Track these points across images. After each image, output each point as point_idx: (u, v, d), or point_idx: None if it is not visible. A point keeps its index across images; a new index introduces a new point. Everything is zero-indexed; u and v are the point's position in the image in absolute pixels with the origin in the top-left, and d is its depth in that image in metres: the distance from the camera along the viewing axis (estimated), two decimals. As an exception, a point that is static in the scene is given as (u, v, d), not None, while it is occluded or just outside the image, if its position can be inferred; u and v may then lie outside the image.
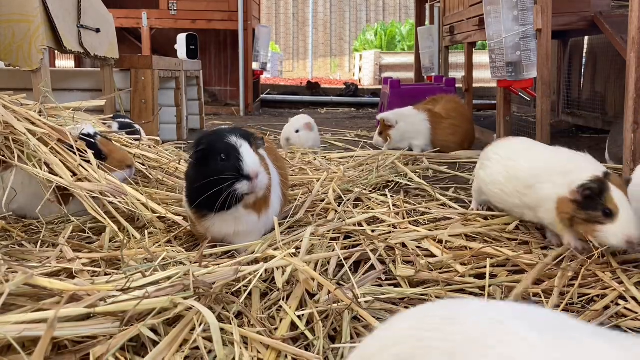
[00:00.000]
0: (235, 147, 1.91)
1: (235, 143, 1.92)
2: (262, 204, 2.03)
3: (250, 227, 2.01)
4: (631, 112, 2.70)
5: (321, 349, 1.38)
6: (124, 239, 2.05)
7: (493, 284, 1.78)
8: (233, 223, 1.98)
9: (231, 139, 1.93)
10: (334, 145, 4.84)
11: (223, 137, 1.95)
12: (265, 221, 2.09)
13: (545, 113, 3.84)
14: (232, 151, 1.90)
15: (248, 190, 1.89)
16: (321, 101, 9.69)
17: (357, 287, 1.64)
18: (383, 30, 16.64)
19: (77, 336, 1.31)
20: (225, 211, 1.93)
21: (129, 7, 7.92)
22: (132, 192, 2.36)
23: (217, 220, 1.98)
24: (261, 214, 2.05)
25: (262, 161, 2.01)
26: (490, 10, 4.20)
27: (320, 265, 1.86)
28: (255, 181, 1.88)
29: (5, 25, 3.31)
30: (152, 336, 1.34)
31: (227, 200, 1.88)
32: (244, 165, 1.88)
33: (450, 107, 4.54)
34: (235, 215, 1.97)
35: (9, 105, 2.48)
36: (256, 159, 1.93)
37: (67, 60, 9.32)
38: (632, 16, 2.65)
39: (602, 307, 1.65)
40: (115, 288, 1.46)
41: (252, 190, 1.90)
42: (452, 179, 3.41)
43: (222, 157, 1.89)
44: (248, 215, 1.99)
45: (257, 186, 1.90)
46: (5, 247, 1.95)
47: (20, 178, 2.34)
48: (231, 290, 1.63)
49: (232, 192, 1.87)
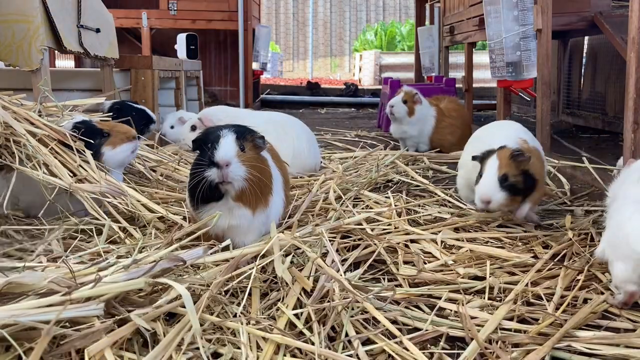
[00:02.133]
0: (218, 137, 1.93)
1: (221, 134, 1.94)
2: (253, 199, 1.99)
3: (243, 222, 1.99)
4: (631, 112, 2.70)
5: (322, 344, 1.38)
6: (125, 237, 2.05)
7: (494, 284, 1.78)
8: (226, 216, 1.97)
9: (221, 132, 1.96)
10: (334, 145, 4.84)
11: (216, 130, 1.99)
12: (263, 220, 2.07)
13: (545, 113, 3.84)
14: (214, 142, 1.92)
15: (217, 178, 1.89)
16: (321, 101, 9.69)
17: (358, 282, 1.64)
18: (383, 30, 16.64)
19: (64, 320, 1.32)
20: (215, 202, 1.95)
21: (129, 7, 7.91)
22: (132, 193, 2.36)
23: (208, 212, 1.98)
24: (256, 211, 2.01)
25: (258, 160, 1.99)
26: (490, 10, 4.20)
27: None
28: (224, 169, 1.87)
29: (5, 25, 3.31)
30: (146, 326, 1.34)
31: (203, 189, 1.90)
32: (215, 153, 1.89)
33: (451, 107, 4.54)
34: (227, 207, 1.97)
35: (9, 106, 2.48)
36: (232, 149, 1.92)
37: (67, 60, 9.32)
38: (632, 16, 2.65)
39: (600, 310, 1.65)
40: (90, 272, 1.50)
41: (223, 178, 1.89)
42: (452, 178, 3.41)
43: (207, 147, 1.92)
44: (239, 208, 1.97)
45: (227, 175, 1.88)
46: (4, 247, 1.96)
47: (24, 179, 2.34)
48: (231, 290, 1.64)
49: (203, 180, 1.89)
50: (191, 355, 1.33)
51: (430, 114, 4.41)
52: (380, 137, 5.32)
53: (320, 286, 1.63)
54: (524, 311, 1.62)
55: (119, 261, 1.60)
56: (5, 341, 1.24)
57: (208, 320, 1.46)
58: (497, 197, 2.23)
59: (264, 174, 2.01)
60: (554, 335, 1.45)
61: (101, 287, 1.39)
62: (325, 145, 4.84)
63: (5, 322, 1.22)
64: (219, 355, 1.37)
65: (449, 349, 1.46)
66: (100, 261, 1.66)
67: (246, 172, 1.92)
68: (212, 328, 1.47)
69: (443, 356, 1.41)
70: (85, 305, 1.33)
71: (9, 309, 1.27)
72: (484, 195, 2.24)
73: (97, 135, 2.50)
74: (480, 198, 2.25)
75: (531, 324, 1.57)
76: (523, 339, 1.45)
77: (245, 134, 2.00)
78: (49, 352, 1.27)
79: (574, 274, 1.88)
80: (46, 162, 2.27)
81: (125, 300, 1.47)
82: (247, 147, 1.98)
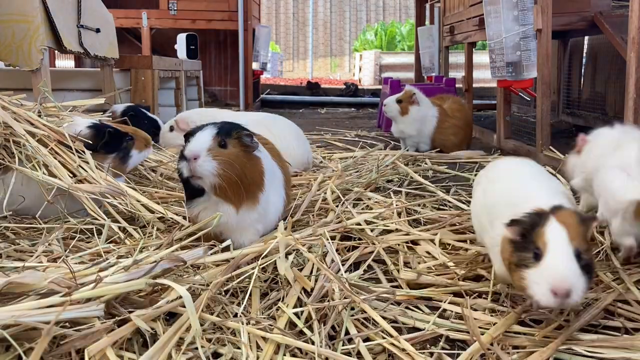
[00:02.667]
0: (195, 131, 1.97)
1: (201, 129, 1.98)
2: (233, 196, 1.96)
3: (228, 219, 1.98)
4: (631, 112, 2.70)
5: (323, 343, 1.38)
6: (124, 237, 2.05)
7: (501, 291, 1.78)
8: (213, 212, 1.96)
9: (203, 127, 1.99)
10: (334, 145, 4.84)
11: (203, 125, 2.02)
12: (255, 217, 2.05)
13: (545, 113, 3.84)
14: (192, 136, 1.96)
15: (187, 172, 1.90)
16: (321, 101, 9.68)
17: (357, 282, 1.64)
18: (383, 30, 16.64)
19: (64, 320, 1.32)
20: (198, 197, 1.99)
21: (129, 7, 7.91)
22: (131, 193, 2.36)
23: (196, 208, 2.01)
24: (240, 208, 1.99)
25: (241, 156, 1.98)
26: (490, 10, 4.20)
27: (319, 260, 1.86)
28: (192, 163, 1.88)
29: (5, 25, 3.31)
30: (146, 327, 1.34)
31: (182, 183, 1.98)
32: (186, 146, 1.93)
33: (455, 108, 4.53)
34: (211, 202, 1.98)
35: (9, 106, 2.48)
36: (204, 143, 1.92)
37: (67, 60, 9.32)
38: (632, 16, 2.65)
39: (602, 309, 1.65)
40: (91, 273, 1.50)
41: (192, 172, 1.89)
42: (452, 178, 3.41)
43: (188, 141, 1.97)
44: (222, 205, 1.97)
45: (195, 169, 1.88)
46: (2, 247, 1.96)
47: (25, 179, 2.34)
48: (231, 290, 1.64)
49: (178, 171, 1.95)
50: (191, 355, 1.33)
51: (431, 114, 4.38)
52: (380, 137, 5.32)
53: (320, 286, 1.63)
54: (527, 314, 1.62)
55: (120, 261, 1.60)
56: (6, 341, 1.24)
57: (208, 320, 1.46)
58: (579, 285, 1.37)
59: (247, 171, 1.98)
60: (556, 338, 1.45)
61: (102, 288, 1.39)
62: (325, 145, 4.84)
63: (6, 323, 1.22)
64: (219, 355, 1.37)
65: (449, 349, 1.46)
66: (100, 261, 1.66)
67: (216, 167, 1.90)
68: (212, 328, 1.47)
69: (443, 356, 1.41)
70: (86, 306, 1.33)
71: (10, 310, 1.27)
72: (562, 283, 1.35)
73: (123, 137, 2.57)
74: (555, 288, 1.35)
75: (532, 326, 1.57)
76: (523, 342, 1.45)
77: (230, 130, 1.99)
78: (49, 352, 1.27)
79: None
80: (46, 162, 2.27)
81: (126, 300, 1.47)
82: (230, 144, 1.96)
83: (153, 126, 3.79)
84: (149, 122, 3.78)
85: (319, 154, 4.17)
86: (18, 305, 1.29)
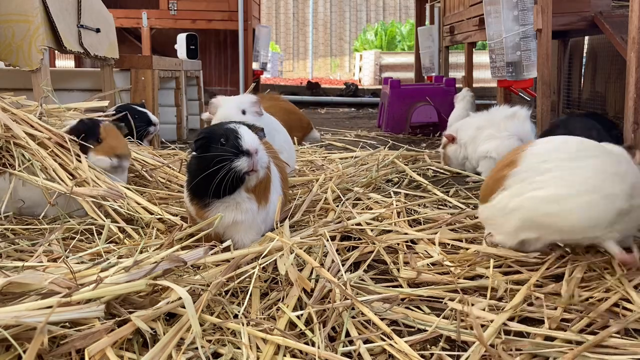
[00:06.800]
0: (234, 130, 1.93)
1: (234, 127, 1.96)
2: (262, 191, 2.00)
3: (248, 217, 1.99)
4: (631, 112, 2.70)
5: (322, 345, 1.38)
6: (124, 238, 2.05)
7: (497, 287, 1.78)
8: (233, 211, 1.96)
9: (230, 125, 1.98)
10: (333, 145, 4.84)
11: (223, 125, 2.00)
12: (263, 216, 2.08)
13: (545, 113, 3.84)
14: (231, 134, 1.92)
15: (248, 167, 1.88)
16: (321, 101, 9.69)
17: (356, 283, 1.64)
18: (383, 30, 16.64)
19: (64, 321, 1.32)
20: (228, 196, 1.94)
21: (129, 7, 7.92)
22: (130, 195, 2.36)
23: (218, 208, 1.97)
24: (261, 205, 2.02)
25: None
26: (490, 10, 4.20)
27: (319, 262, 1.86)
28: (255, 157, 1.87)
29: (5, 25, 3.31)
30: (146, 328, 1.34)
31: (228, 181, 1.87)
32: (243, 142, 1.89)
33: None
34: (237, 200, 1.96)
35: (8, 108, 2.48)
36: (255, 137, 1.94)
37: (67, 60, 9.32)
38: (632, 16, 2.65)
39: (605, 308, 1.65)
40: (91, 273, 1.50)
41: (253, 167, 1.88)
42: (452, 178, 3.41)
43: (222, 141, 1.91)
44: (249, 201, 1.98)
45: (257, 163, 1.89)
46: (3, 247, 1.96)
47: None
48: (231, 290, 1.64)
49: (232, 170, 1.86)
50: (191, 355, 1.33)
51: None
52: (380, 137, 5.32)
53: (321, 287, 1.63)
54: (527, 312, 1.62)
55: (120, 261, 1.60)
56: (6, 341, 1.24)
57: (208, 320, 1.46)
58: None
59: (269, 168, 2.05)
60: (558, 338, 1.45)
61: (102, 288, 1.39)
62: (325, 145, 4.84)
63: (6, 323, 1.22)
64: (219, 355, 1.37)
65: (449, 349, 1.46)
66: (101, 261, 1.66)
67: (267, 161, 1.95)
68: (212, 328, 1.47)
69: (443, 356, 1.41)
70: (86, 306, 1.33)
71: (10, 310, 1.27)
72: None
73: (92, 137, 2.52)
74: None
75: (534, 325, 1.57)
76: (525, 344, 1.45)
77: (249, 126, 2.02)
78: (49, 352, 1.27)
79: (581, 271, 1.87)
80: (46, 165, 2.28)
81: (126, 300, 1.47)
82: None
83: (143, 120, 3.79)
84: (140, 116, 3.78)
85: (319, 154, 4.17)
86: (18, 306, 1.29)
